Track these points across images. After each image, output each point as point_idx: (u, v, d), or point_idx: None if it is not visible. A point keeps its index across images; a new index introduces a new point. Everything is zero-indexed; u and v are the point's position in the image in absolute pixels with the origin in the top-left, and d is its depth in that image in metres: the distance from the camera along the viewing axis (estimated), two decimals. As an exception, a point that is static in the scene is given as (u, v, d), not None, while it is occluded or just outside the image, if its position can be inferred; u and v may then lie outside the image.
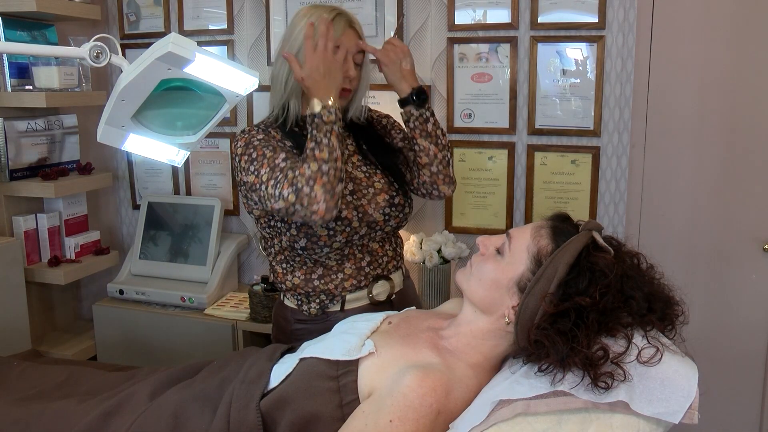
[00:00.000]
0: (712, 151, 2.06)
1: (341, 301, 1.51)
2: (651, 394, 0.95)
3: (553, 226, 1.13)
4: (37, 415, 1.25)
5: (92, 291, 2.74)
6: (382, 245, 1.56)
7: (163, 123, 1.23)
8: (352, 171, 1.52)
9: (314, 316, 1.52)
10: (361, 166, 1.55)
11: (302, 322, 1.54)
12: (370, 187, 1.52)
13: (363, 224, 1.48)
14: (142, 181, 2.67)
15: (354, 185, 1.50)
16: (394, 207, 1.54)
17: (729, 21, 1.99)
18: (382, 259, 1.56)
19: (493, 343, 1.14)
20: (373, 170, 1.56)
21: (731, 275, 2.10)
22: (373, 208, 1.50)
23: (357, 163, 1.55)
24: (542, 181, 2.17)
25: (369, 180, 1.53)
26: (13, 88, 2.18)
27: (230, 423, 1.13)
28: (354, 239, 1.48)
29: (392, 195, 1.54)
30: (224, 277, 2.36)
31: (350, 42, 1.46)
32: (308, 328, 1.52)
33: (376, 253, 1.55)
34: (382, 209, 1.51)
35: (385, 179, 1.55)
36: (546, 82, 2.11)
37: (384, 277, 1.56)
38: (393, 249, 1.60)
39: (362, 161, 1.56)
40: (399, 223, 1.57)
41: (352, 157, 1.55)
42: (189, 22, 2.48)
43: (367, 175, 1.54)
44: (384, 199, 1.52)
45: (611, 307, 1.03)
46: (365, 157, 1.58)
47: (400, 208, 1.55)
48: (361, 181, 1.52)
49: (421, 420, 1.00)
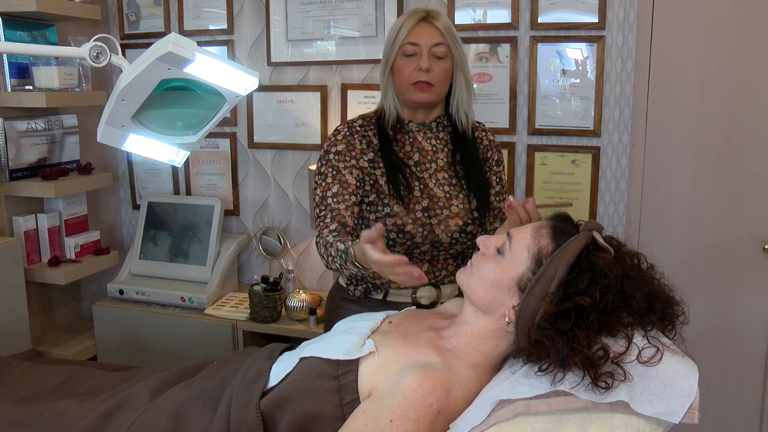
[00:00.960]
0: (711, 150, 2.06)
1: (384, 292, 1.53)
2: (651, 394, 0.95)
3: (554, 226, 1.13)
4: (37, 415, 1.25)
5: (92, 291, 2.74)
6: (446, 259, 1.54)
7: (163, 123, 1.22)
8: (433, 187, 1.50)
9: (357, 297, 1.55)
10: (445, 185, 1.52)
11: (346, 300, 1.58)
12: (446, 208, 1.49)
13: (426, 242, 1.47)
14: (142, 181, 2.67)
15: (430, 202, 1.49)
16: (465, 234, 1.50)
17: (729, 21, 1.99)
18: (440, 272, 1.54)
19: (494, 343, 1.14)
20: (456, 192, 1.52)
21: (731, 275, 2.10)
22: (441, 229, 1.48)
23: (441, 181, 1.52)
24: (542, 181, 2.17)
25: (447, 201, 1.50)
26: (13, 88, 2.18)
27: (230, 422, 1.13)
28: (414, 253, 1.48)
29: (467, 222, 1.50)
30: (224, 277, 2.36)
31: (422, 35, 1.47)
32: (350, 306, 1.55)
33: (437, 265, 1.53)
34: (451, 233, 1.48)
35: (465, 204, 1.51)
36: (546, 82, 2.11)
37: (433, 284, 1.54)
38: (456, 266, 1.55)
39: (447, 180, 1.52)
40: (465, 250, 1.54)
41: (438, 173, 1.52)
42: (189, 22, 2.48)
43: (447, 196, 1.51)
44: (456, 224, 1.49)
45: (611, 307, 1.03)
46: (454, 176, 1.53)
47: (471, 237, 1.51)
48: (438, 200, 1.50)
49: (422, 420, 1.00)
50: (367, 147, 1.52)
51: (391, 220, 1.46)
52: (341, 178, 1.46)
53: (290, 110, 2.41)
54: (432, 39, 1.47)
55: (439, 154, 1.55)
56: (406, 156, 1.53)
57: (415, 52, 1.47)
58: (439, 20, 1.49)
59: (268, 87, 2.42)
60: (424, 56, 1.46)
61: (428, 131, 1.56)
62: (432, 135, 1.56)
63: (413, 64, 1.47)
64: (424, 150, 1.54)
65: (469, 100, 1.55)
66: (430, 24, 1.48)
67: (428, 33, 1.47)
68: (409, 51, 1.47)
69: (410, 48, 1.47)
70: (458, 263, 1.56)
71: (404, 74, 1.48)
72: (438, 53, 1.47)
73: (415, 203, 1.48)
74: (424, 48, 1.46)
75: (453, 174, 1.54)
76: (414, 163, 1.52)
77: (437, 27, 1.47)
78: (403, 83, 1.49)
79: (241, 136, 2.51)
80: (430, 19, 1.48)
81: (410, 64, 1.47)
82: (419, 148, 1.54)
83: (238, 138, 2.51)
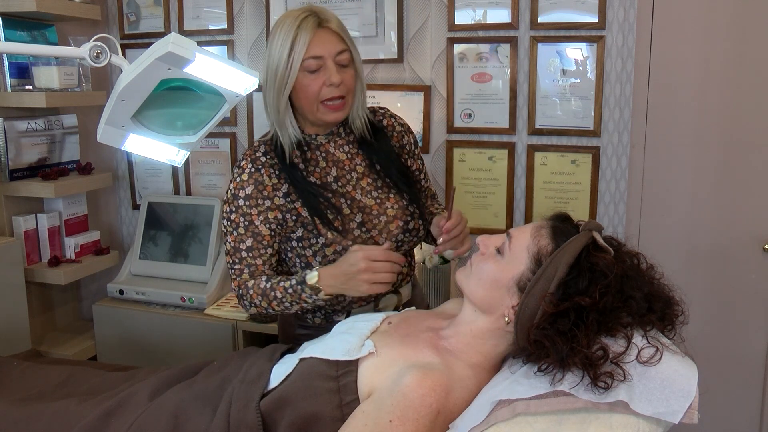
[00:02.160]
0: (712, 150, 2.06)
1: (347, 313, 1.47)
2: (651, 394, 0.95)
3: (554, 226, 1.13)
4: (37, 415, 1.25)
5: (92, 291, 2.74)
6: None
7: (163, 123, 1.22)
8: (361, 198, 1.40)
9: (318, 325, 1.49)
10: (372, 191, 1.42)
11: (306, 328, 1.52)
12: (382, 215, 1.41)
13: None
14: (142, 181, 2.67)
15: (363, 215, 1.39)
16: (409, 233, 1.44)
17: (729, 21, 1.99)
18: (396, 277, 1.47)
19: (493, 343, 1.14)
20: (386, 194, 1.43)
21: (731, 275, 2.10)
22: (384, 237, 1.40)
23: (367, 188, 1.42)
24: (542, 181, 2.17)
25: (381, 207, 1.41)
26: (13, 88, 2.18)
27: (230, 423, 1.13)
28: None
29: (407, 221, 1.43)
30: (224, 277, 2.36)
31: (324, 45, 1.30)
32: (311, 334, 1.47)
33: None
34: (395, 237, 1.42)
35: (399, 203, 1.43)
36: (546, 82, 2.11)
37: (392, 291, 1.50)
38: (408, 265, 1.50)
39: (372, 184, 1.43)
40: (412, 247, 1.50)
41: (361, 180, 1.42)
42: (189, 22, 2.48)
43: (378, 202, 1.41)
44: (398, 227, 1.42)
45: (611, 307, 1.03)
46: (377, 177, 1.44)
47: (415, 233, 1.45)
48: (371, 210, 1.40)
49: (421, 420, 1.00)
50: (278, 180, 1.38)
51: (330, 249, 1.36)
52: (254, 230, 1.35)
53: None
54: (334, 48, 1.30)
55: (356, 159, 1.43)
56: (322, 174, 1.40)
57: (319, 67, 1.30)
58: (332, 21, 1.32)
59: (268, 87, 2.42)
60: (331, 69, 1.29)
61: (338, 138, 1.44)
62: (343, 141, 1.44)
63: (320, 80, 1.30)
64: (340, 161, 1.42)
65: (363, 102, 1.42)
66: (326, 29, 1.31)
67: (328, 41, 1.30)
68: (312, 66, 1.29)
69: (313, 63, 1.29)
70: (408, 261, 1.51)
71: (310, 93, 1.31)
72: (342, 61, 1.32)
73: (349, 222, 1.38)
74: (328, 60, 1.29)
75: (376, 176, 1.44)
76: (333, 179, 1.40)
77: (335, 31, 1.32)
78: (311, 103, 1.32)
79: (241, 136, 2.51)
80: (324, 23, 1.31)
81: (316, 81, 1.30)
82: (334, 161, 1.42)
83: (238, 138, 2.51)
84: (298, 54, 1.29)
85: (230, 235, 1.39)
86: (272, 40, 1.34)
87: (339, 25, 1.34)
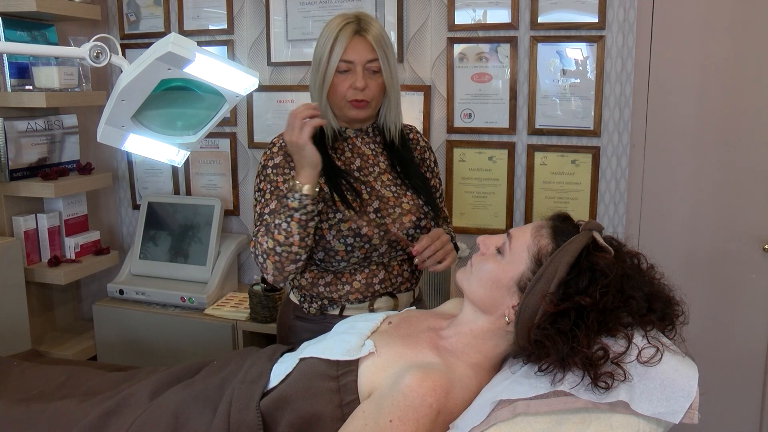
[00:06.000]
0: (712, 150, 2.06)
1: (341, 307, 1.51)
2: (651, 394, 0.95)
3: (554, 226, 1.13)
4: (38, 415, 1.25)
5: (92, 291, 2.74)
6: (401, 264, 1.53)
7: (163, 123, 1.22)
8: (380, 189, 1.50)
9: (313, 315, 1.53)
10: (391, 186, 1.52)
11: (301, 318, 1.55)
12: (398, 207, 1.49)
13: (384, 242, 1.46)
14: (142, 181, 2.67)
15: (380, 203, 1.48)
16: (420, 230, 1.50)
17: (729, 21, 1.99)
18: (396, 279, 1.53)
19: (493, 343, 1.14)
20: (403, 191, 1.52)
21: (731, 275, 2.10)
22: (397, 227, 1.47)
23: (387, 182, 1.52)
24: (542, 181, 2.17)
25: (397, 200, 1.50)
26: (13, 88, 2.18)
27: (230, 423, 1.13)
28: (373, 256, 1.47)
29: (420, 218, 1.51)
30: (224, 277, 2.36)
31: (357, 52, 1.43)
32: (306, 326, 1.53)
33: (393, 271, 1.52)
34: (406, 230, 1.48)
35: (415, 201, 1.52)
36: (546, 82, 2.11)
37: (390, 293, 1.53)
38: (411, 271, 1.56)
39: (392, 181, 1.53)
40: None
41: (383, 175, 1.52)
42: (189, 22, 2.48)
43: (395, 195, 1.51)
44: (410, 221, 1.49)
45: (611, 307, 1.03)
46: (397, 177, 1.54)
47: (426, 232, 1.50)
48: (388, 200, 1.49)
49: (421, 420, 1.00)
50: None
51: (345, 225, 1.43)
52: (279, 194, 1.44)
53: (290, 110, 2.40)
54: (366, 56, 1.43)
55: (380, 157, 1.54)
56: (347, 162, 1.51)
57: (349, 69, 1.43)
58: (370, 32, 1.44)
59: (268, 87, 2.42)
60: (359, 74, 1.43)
61: (365, 136, 1.55)
62: (370, 140, 1.55)
63: (348, 81, 1.44)
64: (365, 154, 1.53)
65: (397, 111, 1.54)
66: (362, 38, 1.43)
67: (362, 49, 1.43)
68: (343, 68, 1.43)
69: (344, 65, 1.43)
70: (412, 269, 1.56)
71: (339, 92, 1.45)
72: (372, 68, 1.44)
73: (366, 206, 1.47)
74: (358, 65, 1.43)
75: (396, 176, 1.54)
76: (356, 168, 1.51)
77: (369, 41, 1.43)
78: (340, 100, 1.46)
79: (241, 136, 2.51)
80: (362, 32, 1.43)
81: (345, 82, 1.44)
82: (359, 153, 1.53)
83: (238, 138, 2.51)
84: (335, 56, 1.42)
85: (258, 204, 1.47)
86: (320, 37, 1.47)
87: (377, 36, 1.44)
